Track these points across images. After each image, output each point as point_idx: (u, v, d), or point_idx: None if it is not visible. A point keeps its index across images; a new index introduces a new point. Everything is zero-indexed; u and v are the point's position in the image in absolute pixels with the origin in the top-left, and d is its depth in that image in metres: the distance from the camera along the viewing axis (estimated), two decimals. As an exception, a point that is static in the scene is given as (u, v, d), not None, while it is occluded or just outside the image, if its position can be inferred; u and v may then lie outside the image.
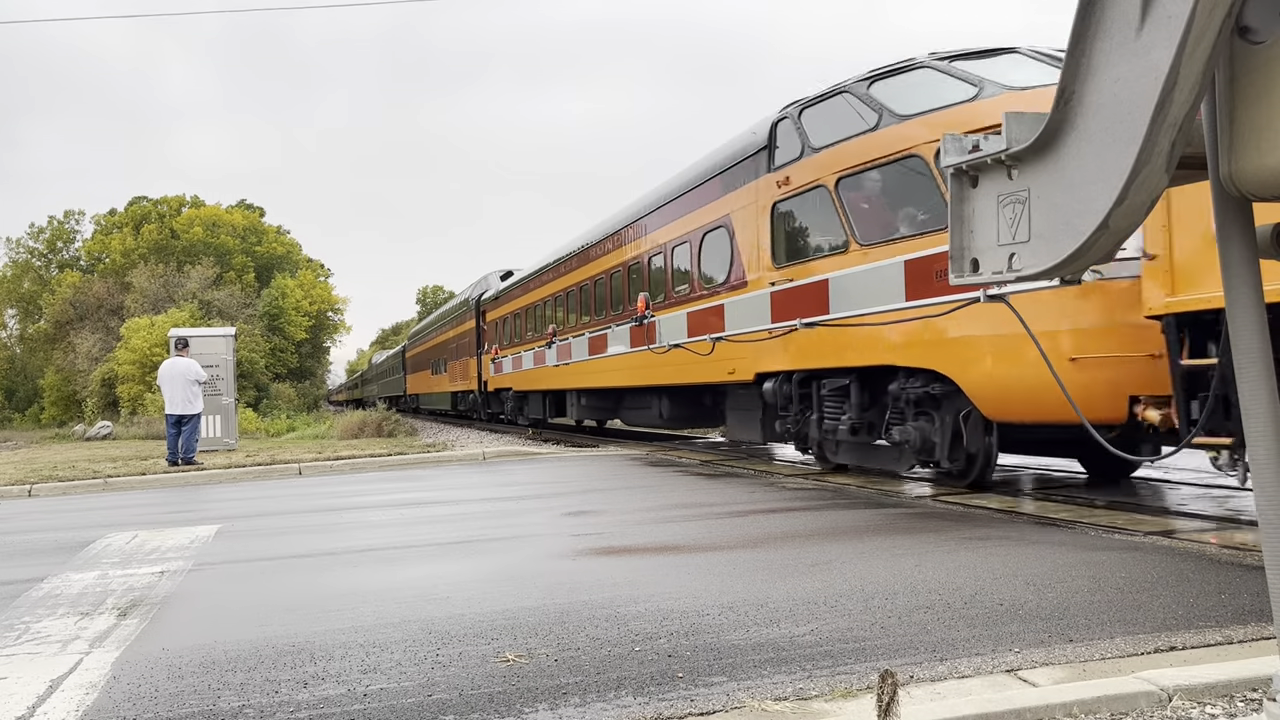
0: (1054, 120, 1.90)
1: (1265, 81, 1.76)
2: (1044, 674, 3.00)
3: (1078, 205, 1.86)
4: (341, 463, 12.99)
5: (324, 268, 65.82)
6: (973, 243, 2.15)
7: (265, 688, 3.12)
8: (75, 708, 3.01)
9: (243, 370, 35.79)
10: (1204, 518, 6.22)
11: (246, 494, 10.07)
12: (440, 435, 22.56)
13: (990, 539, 5.29)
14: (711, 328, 11.04)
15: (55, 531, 7.46)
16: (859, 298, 8.07)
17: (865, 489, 8.07)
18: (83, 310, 48.20)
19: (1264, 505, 1.89)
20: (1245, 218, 1.91)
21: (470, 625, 3.79)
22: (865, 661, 3.16)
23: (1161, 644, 3.26)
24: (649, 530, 6.07)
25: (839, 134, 8.42)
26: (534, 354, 19.70)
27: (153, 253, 52.33)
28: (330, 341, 65.89)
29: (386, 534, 6.44)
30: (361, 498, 8.98)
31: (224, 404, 18.94)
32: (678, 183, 12.64)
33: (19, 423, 52.70)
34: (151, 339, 34.97)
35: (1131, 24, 1.73)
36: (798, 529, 5.88)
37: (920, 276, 7.29)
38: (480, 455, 13.36)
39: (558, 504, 7.68)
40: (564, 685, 3.03)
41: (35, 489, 11.34)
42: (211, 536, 6.72)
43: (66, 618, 4.31)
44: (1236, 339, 1.90)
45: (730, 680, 3.01)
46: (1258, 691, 2.75)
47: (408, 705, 2.90)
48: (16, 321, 59.20)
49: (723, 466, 10.68)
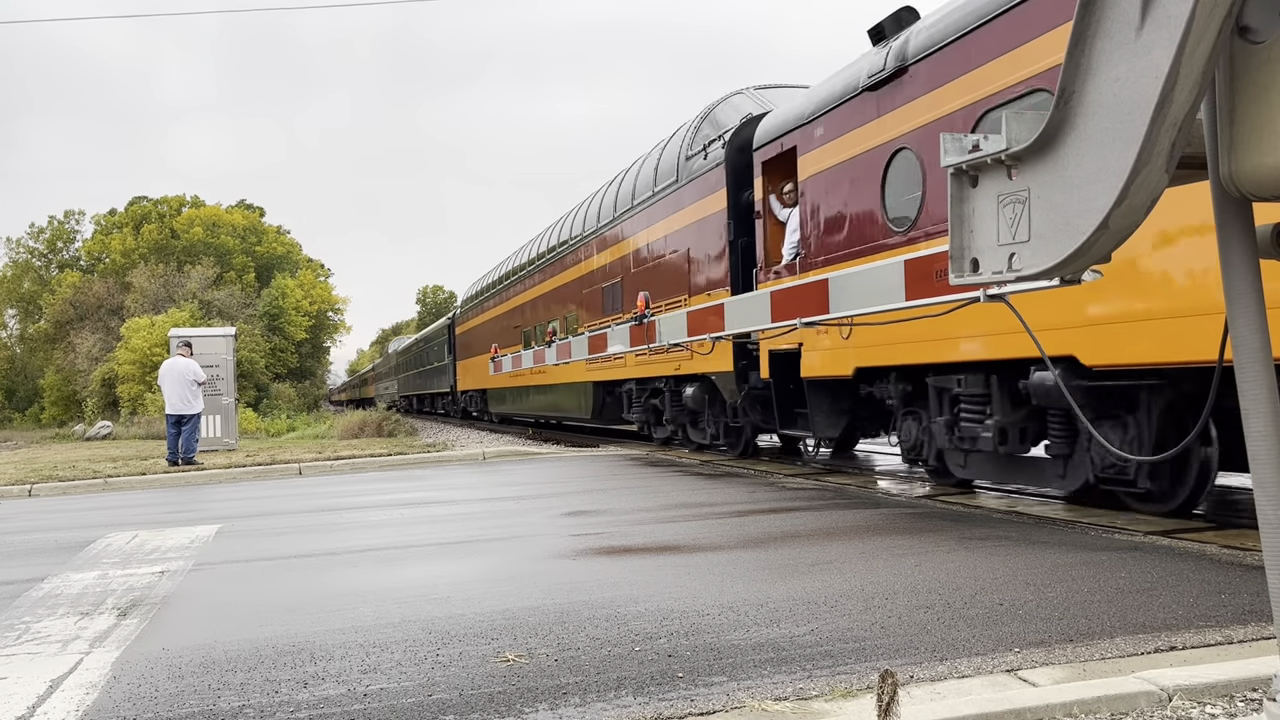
0: (1054, 120, 1.90)
1: (1265, 81, 1.76)
2: (1044, 674, 3.00)
3: (1078, 205, 1.86)
4: (341, 463, 12.99)
5: (324, 268, 65.87)
6: (973, 242, 2.15)
7: (265, 688, 3.12)
8: (75, 708, 3.01)
9: (243, 370, 35.81)
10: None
11: (246, 494, 10.07)
12: (440, 435, 22.57)
13: (990, 539, 5.29)
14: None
15: (55, 531, 7.46)
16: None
17: (865, 489, 8.07)
18: (83, 310, 48.21)
19: (1264, 505, 1.89)
20: (1245, 218, 1.91)
21: (470, 625, 3.79)
22: (865, 661, 3.16)
23: (1161, 644, 3.26)
24: (649, 530, 6.07)
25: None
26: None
27: (153, 253, 52.33)
28: (330, 341, 65.91)
29: (386, 534, 6.44)
30: (361, 498, 8.98)
31: (224, 404, 18.95)
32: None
33: (19, 423, 52.70)
34: (151, 339, 34.98)
35: (1131, 24, 1.73)
36: (798, 529, 5.88)
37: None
38: (480, 455, 13.36)
39: (558, 504, 7.68)
40: (564, 685, 3.03)
41: (35, 489, 11.34)
42: (212, 536, 6.72)
43: (66, 618, 4.31)
44: (1237, 339, 1.90)
45: (730, 680, 3.01)
46: (1258, 691, 2.75)
47: (408, 705, 2.90)
48: (16, 321, 59.21)
49: (723, 466, 10.68)
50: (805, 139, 9.22)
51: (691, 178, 12.03)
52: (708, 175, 11.53)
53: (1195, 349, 5.12)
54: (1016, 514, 6.35)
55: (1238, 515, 6.22)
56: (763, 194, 10.18)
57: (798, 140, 9.37)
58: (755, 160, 10.34)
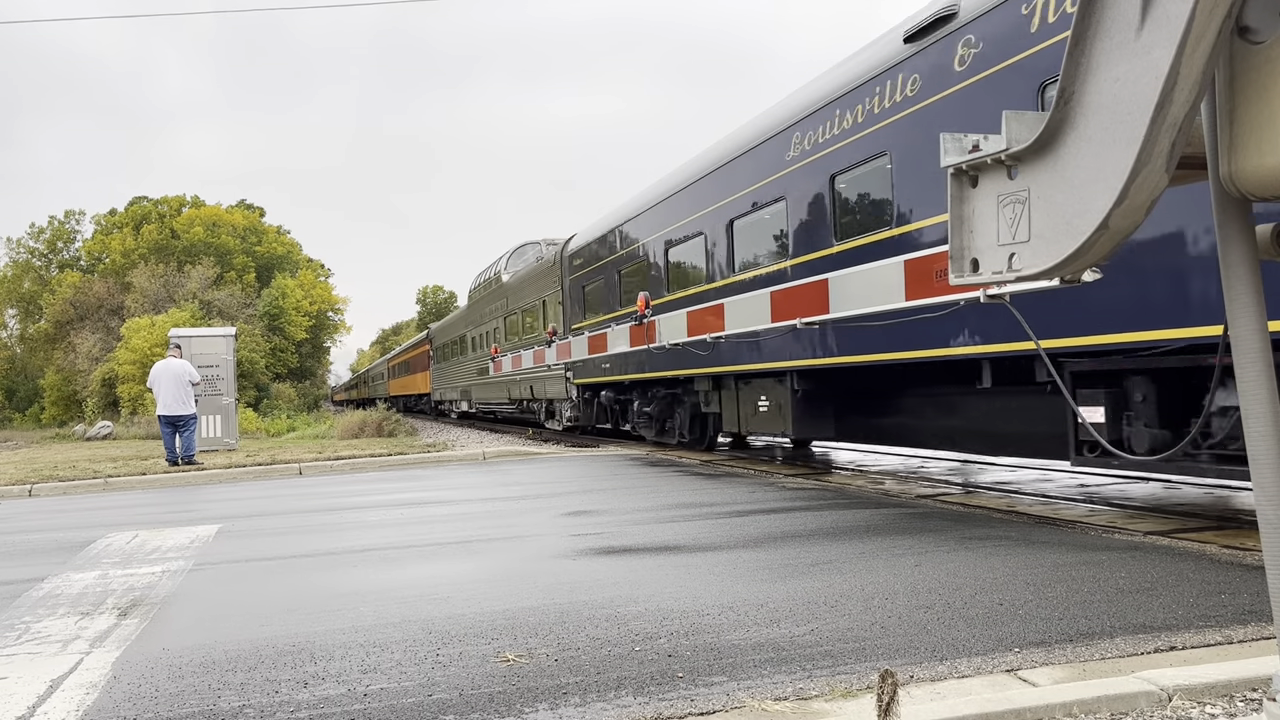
0: (1054, 120, 1.90)
1: (1265, 81, 1.76)
2: (1044, 674, 3.00)
3: (1078, 205, 1.86)
4: (342, 463, 12.99)
5: (324, 268, 65.85)
6: (973, 242, 2.15)
7: (265, 688, 3.12)
8: (75, 708, 3.01)
9: (243, 370, 35.76)
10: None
11: (247, 494, 10.07)
12: (440, 435, 22.56)
13: (990, 539, 5.29)
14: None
15: (56, 531, 7.46)
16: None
17: (865, 489, 8.07)
18: (83, 310, 48.19)
19: (1264, 505, 1.89)
20: (1245, 218, 1.91)
21: (470, 625, 3.79)
22: (865, 661, 3.16)
23: (1161, 644, 3.26)
24: (649, 530, 6.07)
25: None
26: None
27: (153, 253, 52.29)
28: (330, 341, 65.92)
29: (387, 534, 6.44)
30: (362, 498, 8.98)
31: (224, 404, 18.94)
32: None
33: (19, 423, 52.67)
34: (152, 339, 34.94)
35: (1131, 24, 1.73)
36: (798, 529, 5.88)
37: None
38: (480, 455, 13.36)
39: (558, 504, 7.68)
40: (564, 685, 3.03)
41: (36, 489, 11.34)
42: (212, 536, 6.72)
43: (67, 618, 4.31)
44: (1237, 339, 1.90)
45: (730, 680, 3.01)
46: (1258, 691, 2.75)
47: (408, 705, 2.90)
48: (17, 321, 59.18)
49: (723, 466, 10.68)
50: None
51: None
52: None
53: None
54: (1016, 514, 6.35)
55: (1238, 515, 6.22)
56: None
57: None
58: None
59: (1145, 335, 5.44)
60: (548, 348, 18.29)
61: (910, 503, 7.09)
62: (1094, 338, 5.74)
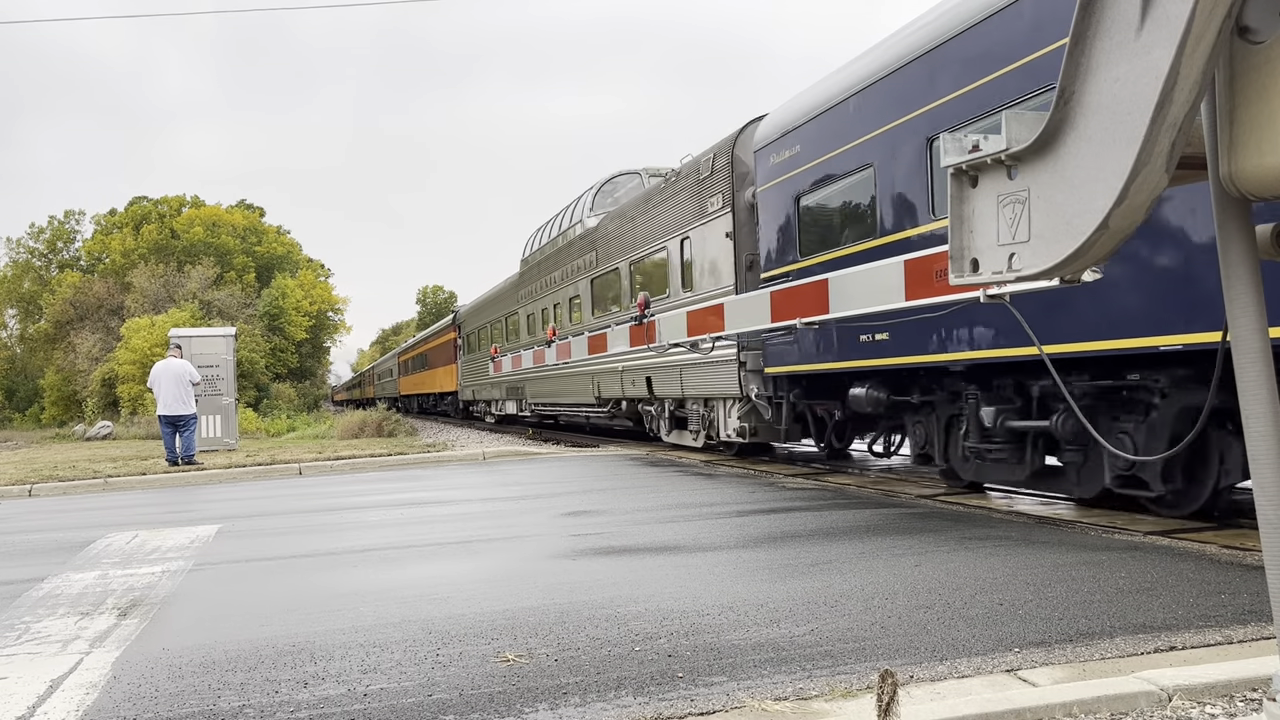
0: (1054, 120, 1.90)
1: (1265, 81, 1.76)
2: (1044, 674, 3.00)
3: (1078, 205, 1.86)
4: (341, 463, 12.99)
5: (324, 268, 65.91)
6: (973, 242, 2.15)
7: (265, 688, 3.12)
8: (75, 708, 3.01)
9: (243, 370, 35.74)
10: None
11: (247, 494, 10.07)
12: (440, 435, 22.56)
13: (990, 539, 5.29)
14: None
15: (55, 531, 7.46)
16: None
17: (865, 489, 8.07)
18: (83, 310, 48.19)
19: (1264, 505, 1.89)
20: (1245, 218, 1.91)
21: (470, 625, 3.79)
22: (865, 661, 3.16)
23: (1161, 644, 3.26)
24: (649, 530, 6.07)
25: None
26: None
27: (153, 253, 52.30)
28: (330, 341, 65.96)
29: (386, 534, 6.44)
30: (362, 498, 8.98)
31: (224, 404, 18.93)
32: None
33: (19, 423, 52.68)
34: (152, 339, 34.94)
35: (1131, 24, 1.73)
36: (798, 529, 5.88)
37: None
38: (480, 455, 13.36)
39: (558, 504, 7.68)
40: (564, 685, 3.03)
41: (35, 489, 11.34)
42: (212, 536, 6.72)
43: (67, 618, 4.31)
44: (1236, 339, 1.90)
45: (730, 680, 3.01)
46: (1258, 691, 2.75)
47: (408, 705, 2.90)
48: (17, 321, 59.19)
49: (723, 466, 10.68)
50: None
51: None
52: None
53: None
54: (1016, 514, 6.35)
55: (1238, 515, 6.22)
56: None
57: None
58: None
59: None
60: (685, 313, 10.52)
61: (910, 503, 7.09)
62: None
